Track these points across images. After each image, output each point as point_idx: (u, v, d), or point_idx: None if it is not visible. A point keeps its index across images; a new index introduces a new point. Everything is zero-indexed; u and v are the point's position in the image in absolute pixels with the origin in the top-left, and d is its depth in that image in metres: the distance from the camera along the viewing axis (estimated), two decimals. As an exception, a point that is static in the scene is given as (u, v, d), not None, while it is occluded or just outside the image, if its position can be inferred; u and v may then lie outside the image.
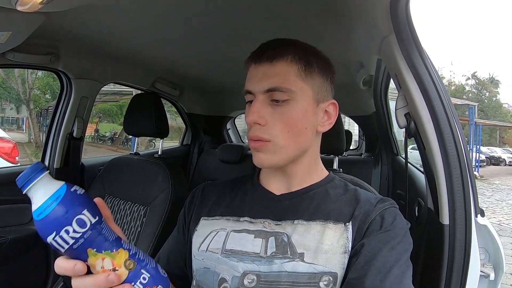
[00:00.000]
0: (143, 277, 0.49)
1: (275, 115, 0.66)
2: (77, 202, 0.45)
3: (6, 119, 26.65)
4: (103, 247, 0.46)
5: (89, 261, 0.46)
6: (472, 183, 0.80)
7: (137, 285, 0.48)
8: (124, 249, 0.48)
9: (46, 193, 0.45)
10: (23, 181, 0.45)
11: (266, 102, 0.66)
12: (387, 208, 0.66)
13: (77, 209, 0.45)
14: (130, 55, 1.53)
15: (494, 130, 32.23)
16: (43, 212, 0.44)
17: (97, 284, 0.46)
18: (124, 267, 0.47)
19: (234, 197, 0.76)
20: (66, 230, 0.43)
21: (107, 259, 0.46)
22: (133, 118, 1.64)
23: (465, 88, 40.70)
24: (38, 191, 0.45)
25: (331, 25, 1.06)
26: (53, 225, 0.43)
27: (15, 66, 1.36)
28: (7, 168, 1.63)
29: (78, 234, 0.44)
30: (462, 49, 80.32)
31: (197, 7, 1.00)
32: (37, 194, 0.45)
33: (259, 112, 0.65)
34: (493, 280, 0.83)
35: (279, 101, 0.66)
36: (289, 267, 0.62)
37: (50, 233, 0.43)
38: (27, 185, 0.45)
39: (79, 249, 0.45)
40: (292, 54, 0.66)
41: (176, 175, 1.48)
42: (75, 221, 0.44)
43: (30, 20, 0.98)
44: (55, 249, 0.45)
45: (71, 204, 0.45)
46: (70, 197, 0.45)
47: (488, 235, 0.83)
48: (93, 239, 0.46)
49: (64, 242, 0.44)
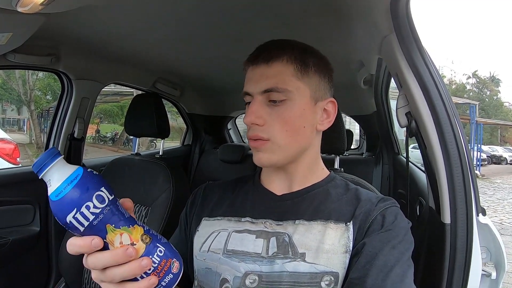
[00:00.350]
0: (159, 250, 0.50)
1: (273, 115, 0.66)
2: (95, 180, 0.47)
3: (7, 120, 26.69)
4: (121, 223, 0.48)
5: (108, 237, 0.47)
6: (474, 182, 0.80)
7: (154, 258, 0.49)
8: (139, 225, 0.50)
9: (64, 173, 0.46)
10: (39, 166, 0.46)
11: (264, 103, 0.67)
12: (388, 207, 0.66)
13: (96, 186, 0.46)
14: (130, 55, 1.53)
15: (495, 129, 32.20)
16: (63, 191, 0.44)
17: (116, 258, 0.46)
18: (141, 241, 0.48)
19: (235, 197, 0.76)
20: (87, 205, 0.45)
21: (125, 234, 0.47)
22: (134, 118, 1.64)
23: (466, 87, 40.66)
24: (54, 173, 0.46)
25: (331, 25, 1.06)
26: (73, 202, 0.44)
27: (16, 67, 1.36)
28: (8, 169, 1.63)
29: (98, 210, 0.45)
30: (463, 48, 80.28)
31: (198, 7, 1.00)
32: (54, 176, 0.46)
33: (257, 113, 0.66)
34: (495, 279, 0.83)
35: (277, 101, 0.66)
36: (290, 267, 0.62)
37: (71, 210, 0.44)
38: (44, 168, 0.46)
39: (98, 225, 0.46)
40: (287, 54, 0.67)
41: (177, 175, 1.48)
42: (95, 197, 0.45)
43: (30, 21, 0.98)
44: (72, 229, 0.45)
45: (90, 182, 0.46)
46: (88, 176, 0.47)
47: (490, 234, 0.82)
48: (111, 215, 0.47)
49: (85, 219, 0.45)
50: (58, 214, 0.45)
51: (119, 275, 0.46)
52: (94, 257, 0.46)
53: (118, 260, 0.46)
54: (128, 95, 12.29)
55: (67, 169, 0.46)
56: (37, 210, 1.53)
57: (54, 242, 1.57)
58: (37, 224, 1.53)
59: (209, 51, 1.44)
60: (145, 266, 0.47)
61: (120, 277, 0.47)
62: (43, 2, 0.79)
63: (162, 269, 0.49)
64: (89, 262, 0.47)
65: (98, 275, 0.48)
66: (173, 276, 0.51)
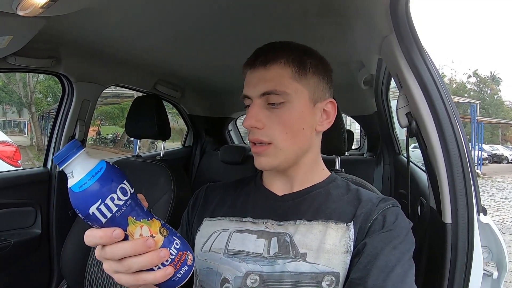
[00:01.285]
0: (176, 243, 0.51)
1: (272, 118, 0.67)
2: (118, 173, 0.48)
3: (8, 122, 26.73)
4: (141, 216, 0.49)
5: (129, 229, 0.48)
6: (474, 181, 0.80)
7: (172, 250, 0.50)
8: (156, 219, 0.51)
9: (87, 165, 0.46)
10: (61, 157, 0.46)
11: (263, 106, 0.67)
12: (389, 208, 0.66)
13: (119, 179, 0.47)
14: (131, 57, 1.53)
15: (496, 128, 32.13)
16: (87, 182, 0.45)
17: (135, 248, 0.47)
18: (159, 234, 0.50)
19: (237, 197, 0.77)
20: (111, 197, 0.45)
21: (145, 227, 0.49)
22: (134, 120, 1.64)
23: (467, 86, 40.60)
24: (77, 165, 0.46)
25: (331, 26, 1.06)
26: (98, 193, 0.45)
27: (17, 70, 1.37)
28: (10, 171, 1.63)
29: (121, 202, 0.46)
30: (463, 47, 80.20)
31: (197, 9, 1.00)
32: (77, 167, 0.46)
33: (256, 116, 0.67)
34: (496, 279, 0.83)
35: (276, 104, 0.67)
36: (291, 267, 0.62)
37: (95, 201, 0.45)
38: (66, 160, 0.46)
39: (120, 217, 0.47)
40: (285, 57, 0.67)
41: (178, 177, 1.49)
42: (119, 189, 0.46)
43: (31, 24, 0.98)
44: (92, 221, 0.46)
45: (114, 174, 0.47)
46: (112, 168, 0.48)
47: (491, 234, 0.82)
48: (133, 208, 0.48)
49: (108, 210, 0.45)
50: (80, 206, 0.45)
51: (137, 265, 0.47)
52: (114, 247, 0.47)
53: (137, 250, 0.47)
54: (129, 97, 12.30)
55: (90, 161, 0.47)
56: (38, 213, 1.54)
57: (55, 244, 1.58)
58: (38, 226, 1.54)
59: (209, 53, 1.44)
60: (163, 257, 0.48)
61: (138, 267, 0.47)
62: (43, 5, 0.80)
63: (178, 261, 0.51)
64: (107, 252, 0.47)
65: (113, 266, 0.48)
66: (188, 268, 0.52)
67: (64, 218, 1.58)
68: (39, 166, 1.71)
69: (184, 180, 1.54)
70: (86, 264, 1.39)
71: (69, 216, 1.56)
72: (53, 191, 1.59)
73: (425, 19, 69.34)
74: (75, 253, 1.41)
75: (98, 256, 0.49)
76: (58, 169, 1.61)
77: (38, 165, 5.62)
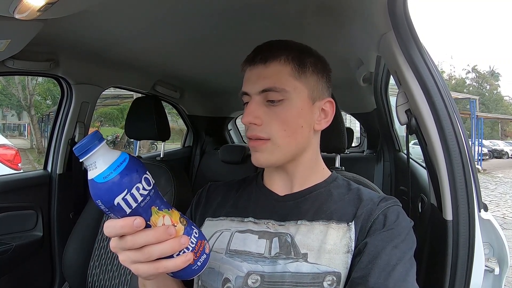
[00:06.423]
0: (195, 232, 0.53)
1: (270, 114, 0.67)
2: (141, 164, 0.48)
3: (7, 125, 26.70)
4: (163, 206, 0.50)
5: (152, 219, 0.48)
6: (475, 177, 0.80)
7: (192, 239, 0.51)
8: (175, 209, 0.52)
9: (111, 157, 0.46)
10: (83, 149, 0.46)
11: (261, 103, 0.67)
12: (390, 207, 0.66)
13: (143, 169, 0.48)
14: (129, 59, 1.53)
15: (496, 123, 32.12)
16: (112, 172, 0.45)
17: (157, 235, 0.47)
18: (180, 223, 0.51)
19: (239, 197, 0.77)
20: (137, 187, 0.46)
21: (167, 217, 0.50)
22: (134, 121, 1.64)
23: (466, 82, 40.60)
24: (100, 157, 0.46)
25: (329, 23, 1.06)
26: (124, 183, 0.45)
27: (15, 73, 1.37)
28: (10, 175, 1.63)
29: (146, 192, 0.47)
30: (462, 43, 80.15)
31: (195, 9, 1.00)
32: (100, 159, 0.46)
33: (254, 113, 0.67)
34: (498, 275, 0.83)
35: (274, 101, 0.67)
36: (292, 268, 0.62)
37: (121, 191, 0.45)
38: (88, 151, 0.46)
39: (145, 207, 0.47)
40: (285, 54, 0.67)
41: (178, 177, 1.48)
42: (143, 179, 0.47)
43: (28, 27, 0.98)
44: (117, 211, 0.46)
45: (138, 165, 0.48)
46: (135, 159, 0.48)
47: (492, 230, 0.83)
48: (156, 198, 0.49)
49: (134, 200, 0.46)
50: (104, 196, 0.45)
51: (158, 251, 0.48)
52: (136, 236, 0.47)
53: (160, 237, 0.48)
54: (128, 98, 12.27)
55: (113, 152, 0.47)
56: (39, 215, 1.54)
57: (57, 246, 1.58)
58: (39, 229, 1.54)
59: (207, 53, 1.44)
60: (184, 244, 0.49)
61: (159, 254, 0.48)
62: (40, 8, 0.79)
63: (198, 249, 0.52)
64: (128, 241, 0.48)
65: (131, 256, 0.49)
66: (206, 256, 0.54)
67: (65, 220, 1.58)
68: (39, 169, 1.71)
69: (184, 181, 1.53)
70: (88, 266, 1.39)
71: (70, 219, 1.57)
72: (54, 193, 1.59)
73: (424, 15, 69.32)
74: (76, 255, 1.41)
75: (113, 248, 0.49)
76: (58, 172, 1.61)
77: (39, 167, 5.55)
